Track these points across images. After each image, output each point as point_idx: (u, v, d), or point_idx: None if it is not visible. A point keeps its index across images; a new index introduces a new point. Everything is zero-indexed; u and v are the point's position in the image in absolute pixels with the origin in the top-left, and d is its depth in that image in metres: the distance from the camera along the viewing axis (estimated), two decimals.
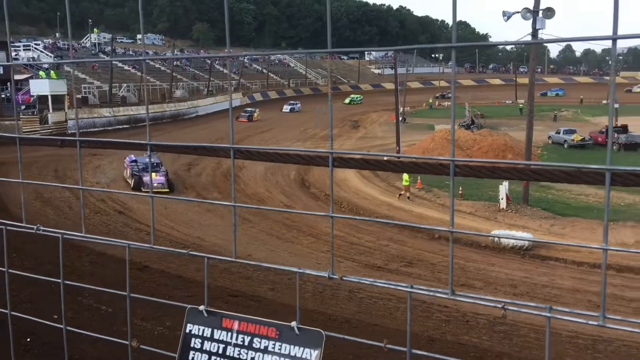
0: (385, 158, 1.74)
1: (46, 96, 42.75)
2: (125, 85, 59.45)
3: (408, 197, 27.52)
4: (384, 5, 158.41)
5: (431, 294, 1.58)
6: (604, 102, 72.73)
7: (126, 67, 69.35)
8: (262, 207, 28.95)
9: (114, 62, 60.41)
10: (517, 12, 25.91)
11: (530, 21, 25.77)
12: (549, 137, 43.27)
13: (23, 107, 43.85)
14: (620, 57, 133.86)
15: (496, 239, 21.31)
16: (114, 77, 56.50)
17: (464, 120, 52.47)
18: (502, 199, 26.06)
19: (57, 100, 43.47)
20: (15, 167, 25.88)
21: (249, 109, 62.16)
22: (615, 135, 40.93)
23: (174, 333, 9.11)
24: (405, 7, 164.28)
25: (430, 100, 78.28)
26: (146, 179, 26.09)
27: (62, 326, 2.16)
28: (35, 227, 2.12)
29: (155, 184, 26.10)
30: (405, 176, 27.65)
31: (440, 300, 13.64)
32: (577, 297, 15.18)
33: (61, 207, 23.46)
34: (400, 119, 44.73)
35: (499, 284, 16.12)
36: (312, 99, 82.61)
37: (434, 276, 17.12)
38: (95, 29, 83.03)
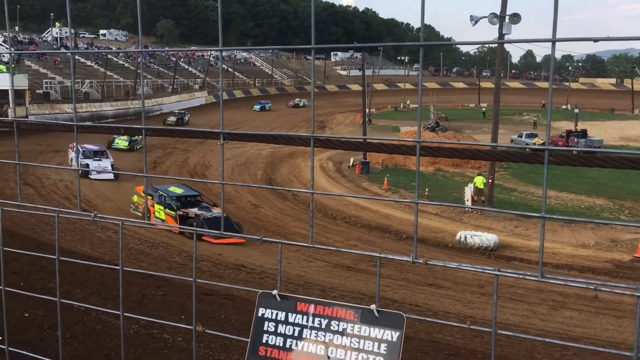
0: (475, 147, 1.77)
1: (6, 90, 41.60)
2: (88, 81, 58.25)
3: (483, 201, 27.14)
4: (350, 6, 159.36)
5: (520, 276, 1.65)
6: (564, 107, 74.64)
7: (89, 63, 67.94)
8: (343, 194, 28.80)
9: (76, 56, 59.09)
10: (484, 17, 26.37)
11: (497, 26, 26.31)
12: (512, 141, 44.20)
13: None
14: (580, 64, 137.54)
15: (462, 239, 21.70)
16: (76, 72, 55.34)
17: (429, 122, 53.17)
18: (467, 200, 26.52)
19: (18, 95, 42.39)
20: None
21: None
22: (575, 139, 42.09)
23: (149, 331, 9.03)
24: (371, 9, 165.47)
25: (409, 102, 78.81)
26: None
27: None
28: (92, 214, 2.11)
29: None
30: (481, 179, 27.36)
31: (412, 299, 13.83)
32: (542, 296, 15.54)
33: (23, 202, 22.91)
34: (367, 120, 45.09)
35: (466, 284, 16.39)
36: (277, 98, 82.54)
37: (402, 276, 17.27)
38: (57, 23, 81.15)
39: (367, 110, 45.02)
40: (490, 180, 27.18)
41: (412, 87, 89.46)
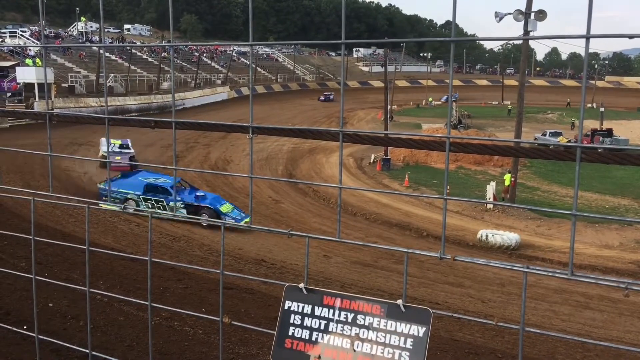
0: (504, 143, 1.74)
1: (32, 84, 42.25)
2: (112, 75, 58.86)
3: (503, 199, 27.01)
4: (373, 2, 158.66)
5: (549, 274, 1.64)
6: (589, 105, 73.57)
7: (113, 57, 68.64)
8: (371, 189, 28.29)
9: (102, 51, 59.66)
10: (509, 14, 26.09)
11: (521, 23, 25.99)
12: (535, 139, 43.71)
13: (9, 94, 43.26)
14: (606, 62, 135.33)
15: (483, 237, 21.52)
16: (100, 67, 55.94)
17: (452, 119, 52.80)
18: (489, 198, 26.30)
19: (44, 88, 42.98)
20: None
21: None
22: (600, 138, 41.51)
23: (170, 323, 9.12)
24: (393, 5, 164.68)
25: (431, 99, 78.09)
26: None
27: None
28: (122, 206, 2.15)
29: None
30: (508, 176, 27.38)
31: (432, 297, 13.77)
32: (564, 296, 15.38)
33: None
34: (388, 116, 44.96)
35: (487, 282, 16.28)
36: (298, 94, 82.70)
37: (423, 274, 17.21)
38: (82, 17, 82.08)
39: (389, 107, 44.86)
40: (513, 179, 26.94)
41: (434, 84, 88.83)
